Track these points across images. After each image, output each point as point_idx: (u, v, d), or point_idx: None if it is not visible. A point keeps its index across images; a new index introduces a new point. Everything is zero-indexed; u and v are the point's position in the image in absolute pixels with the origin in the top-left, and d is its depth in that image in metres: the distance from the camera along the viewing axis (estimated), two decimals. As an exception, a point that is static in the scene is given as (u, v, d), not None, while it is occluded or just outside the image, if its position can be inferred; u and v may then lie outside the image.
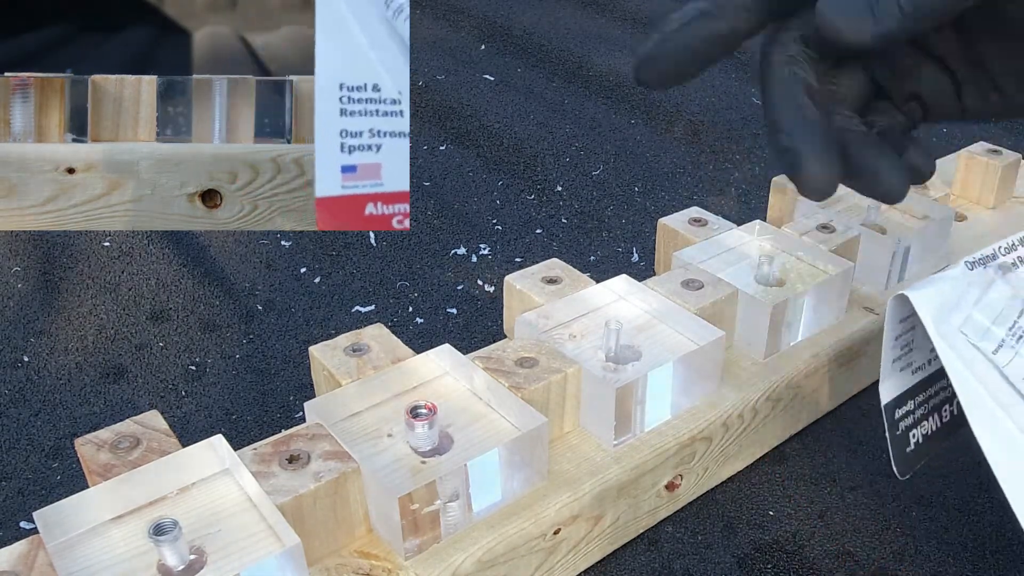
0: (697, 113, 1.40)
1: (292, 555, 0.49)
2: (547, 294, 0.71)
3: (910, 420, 0.57)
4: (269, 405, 0.81)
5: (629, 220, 1.13)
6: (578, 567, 0.63)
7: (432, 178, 1.21)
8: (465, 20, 1.76)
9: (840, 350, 0.75)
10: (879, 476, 0.73)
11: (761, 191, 1.19)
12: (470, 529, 0.56)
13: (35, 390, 0.83)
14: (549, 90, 1.48)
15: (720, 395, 0.68)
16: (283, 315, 0.93)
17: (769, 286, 0.74)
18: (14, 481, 0.73)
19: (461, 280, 1.00)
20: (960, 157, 0.98)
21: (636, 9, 1.85)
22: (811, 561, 0.65)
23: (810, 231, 0.79)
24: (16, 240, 1.02)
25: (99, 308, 0.93)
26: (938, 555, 0.66)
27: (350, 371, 0.62)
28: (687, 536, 0.67)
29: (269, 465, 0.53)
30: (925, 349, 0.56)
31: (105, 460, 0.54)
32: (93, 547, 0.50)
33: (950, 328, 0.50)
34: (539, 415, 0.57)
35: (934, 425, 0.58)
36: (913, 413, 0.57)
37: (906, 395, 0.56)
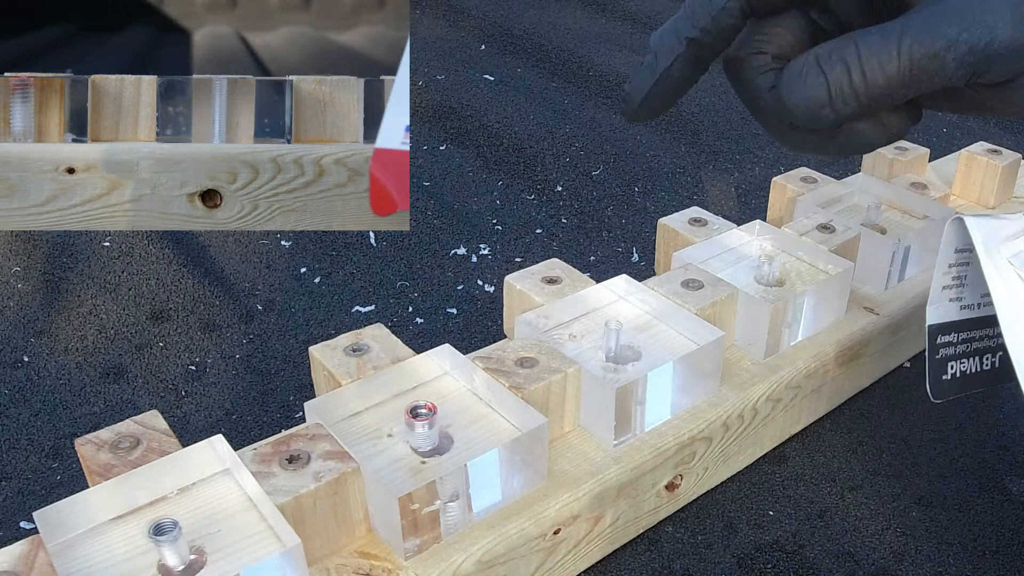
0: (697, 113, 1.40)
1: (292, 555, 0.49)
2: (547, 294, 0.71)
3: (951, 351, 0.58)
4: (269, 405, 0.81)
5: (629, 220, 1.13)
6: (578, 567, 0.63)
7: (432, 178, 1.21)
8: (465, 20, 1.76)
9: (840, 350, 0.75)
10: (879, 476, 0.73)
11: (761, 191, 1.19)
12: (470, 529, 0.56)
13: (35, 390, 0.83)
14: (549, 90, 1.48)
15: (720, 395, 0.68)
16: (283, 315, 0.93)
17: (769, 286, 0.74)
18: (14, 481, 0.73)
19: (461, 280, 1.00)
20: (960, 157, 0.98)
21: (636, 9, 1.85)
22: (811, 561, 0.65)
23: (810, 231, 0.79)
24: (16, 240, 1.02)
25: (99, 308, 0.93)
26: (938, 555, 0.66)
27: (350, 371, 0.62)
28: (687, 536, 0.67)
29: (269, 465, 0.53)
30: (977, 290, 0.57)
31: (105, 460, 0.54)
32: (93, 547, 0.50)
33: (1000, 258, 0.51)
34: (539, 415, 0.57)
35: (974, 367, 0.59)
36: (955, 346, 0.58)
37: (951, 326, 0.57)
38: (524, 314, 0.68)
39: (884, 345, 0.80)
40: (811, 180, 0.90)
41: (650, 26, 1.78)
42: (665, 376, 0.63)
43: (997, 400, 0.81)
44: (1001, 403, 0.81)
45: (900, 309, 0.80)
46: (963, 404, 0.81)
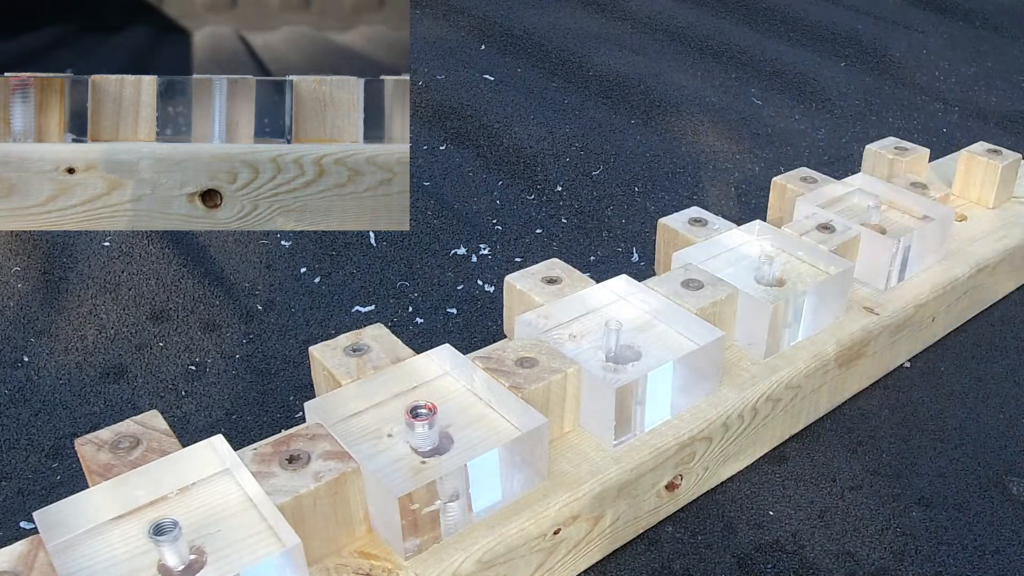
0: (697, 113, 1.40)
1: (292, 555, 0.49)
2: (547, 294, 0.71)
3: None
4: (269, 405, 0.81)
5: (629, 220, 1.13)
6: (578, 567, 0.63)
7: (432, 178, 1.21)
8: (465, 20, 1.76)
9: (840, 350, 0.75)
10: (879, 476, 0.73)
11: (761, 191, 1.19)
12: (470, 529, 0.56)
13: (35, 390, 0.83)
14: (549, 90, 1.48)
15: (720, 395, 0.68)
16: (283, 315, 0.93)
17: (769, 286, 0.74)
18: (14, 481, 0.73)
19: (461, 280, 1.00)
20: (960, 157, 0.98)
21: (636, 9, 1.85)
22: (811, 561, 0.65)
23: (810, 231, 0.79)
24: (16, 240, 1.02)
25: (99, 308, 0.93)
26: (938, 555, 0.66)
27: (350, 371, 0.62)
28: (687, 536, 0.67)
29: (269, 465, 0.53)
30: None
31: (105, 460, 0.54)
32: (93, 547, 0.50)
33: None
34: (539, 415, 0.57)
35: None
36: None
37: None
38: (524, 314, 0.68)
39: (884, 345, 0.80)
40: (811, 180, 0.90)
41: (650, 26, 1.78)
42: (665, 376, 0.63)
43: (997, 400, 0.81)
44: (1001, 403, 0.81)
45: (900, 309, 0.80)
46: (963, 404, 0.81)
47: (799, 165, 1.04)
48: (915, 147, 0.97)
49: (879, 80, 1.59)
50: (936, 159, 1.06)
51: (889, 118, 1.44)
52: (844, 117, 1.44)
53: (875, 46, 1.69)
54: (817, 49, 1.71)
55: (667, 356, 0.65)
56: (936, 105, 1.50)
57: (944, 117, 1.45)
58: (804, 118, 1.43)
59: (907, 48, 1.69)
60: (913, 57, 1.66)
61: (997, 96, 1.53)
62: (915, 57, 1.66)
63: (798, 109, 1.46)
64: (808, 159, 1.29)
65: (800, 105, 1.48)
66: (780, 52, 1.64)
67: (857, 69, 1.63)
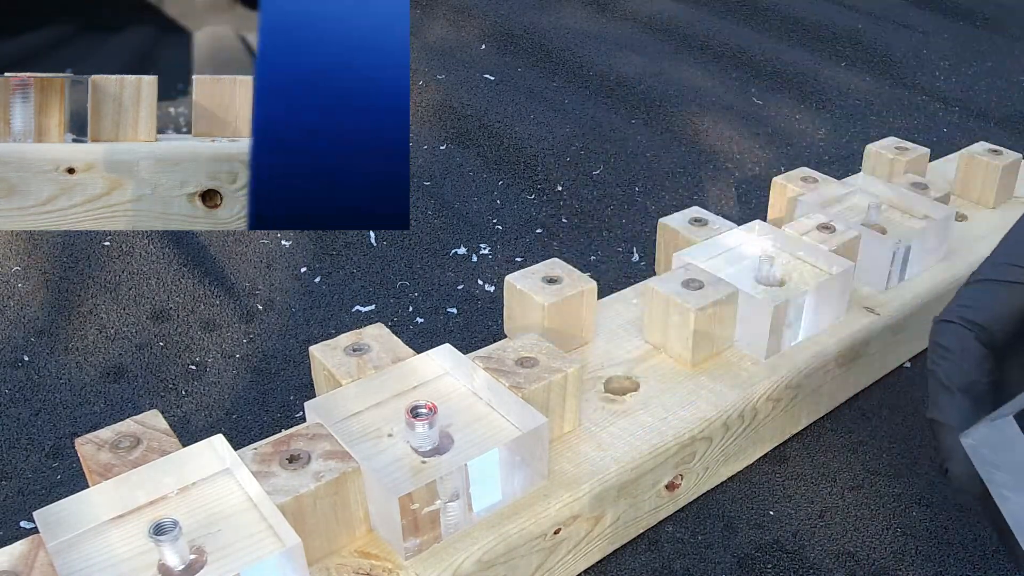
0: (697, 113, 1.40)
1: (292, 555, 0.49)
2: (547, 294, 0.71)
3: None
4: (269, 405, 0.81)
5: (629, 220, 1.13)
6: (578, 567, 0.63)
7: (432, 178, 1.21)
8: (465, 20, 1.76)
9: (840, 350, 0.75)
10: (879, 476, 0.73)
11: (761, 191, 1.19)
12: (470, 529, 0.56)
13: (35, 390, 0.83)
14: (549, 90, 1.48)
15: (720, 395, 0.68)
16: (283, 315, 0.93)
17: (770, 286, 0.74)
18: (14, 481, 0.73)
19: (461, 280, 1.00)
20: (960, 157, 0.98)
21: (636, 9, 1.85)
22: (811, 561, 0.65)
23: (810, 231, 0.79)
24: (16, 240, 1.02)
25: (99, 308, 0.93)
26: (938, 555, 0.66)
27: (350, 371, 0.62)
28: (687, 536, 0.67)
29: (269, 465, 0.53)
30: None
31: (105, 460, 0.54)
32: (93, 547, 0.50)
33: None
34: (539, 415, 0.57)
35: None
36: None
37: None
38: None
39: (884, 345, 0.80)
40: (811, 180, 0.90)
41: (651, 26, 1.78)
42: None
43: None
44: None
45: (900, 309, 0.80)
46: (963, 404, 0.81)
47: (799, 165, 1.04)
48: (916, 147, 0.97)
49: (879, 80, 1.59)
50: (936, 159, 1.06)
51: (889, 118, 1.44)
52: (844, 117, 1.44)
53: (875, 46, 1.69)
54: (817, 49, 1.71)
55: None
56: (936, 105, 1.50)
57: (944, 117, 1.45)
58: (804, 118, 1.43)
59: (907, 48, 1.69)
60: (913, 57, 1.66)
61: (997, 96, 1.53)
62: (915, 57, 1.66)
63: (798, 109, 1.46)
64: (808, 159, 1.29)
65: (800, 105, 1.48)
66: (780, 52, 1.64)
67: (857, 69, 1.63)
